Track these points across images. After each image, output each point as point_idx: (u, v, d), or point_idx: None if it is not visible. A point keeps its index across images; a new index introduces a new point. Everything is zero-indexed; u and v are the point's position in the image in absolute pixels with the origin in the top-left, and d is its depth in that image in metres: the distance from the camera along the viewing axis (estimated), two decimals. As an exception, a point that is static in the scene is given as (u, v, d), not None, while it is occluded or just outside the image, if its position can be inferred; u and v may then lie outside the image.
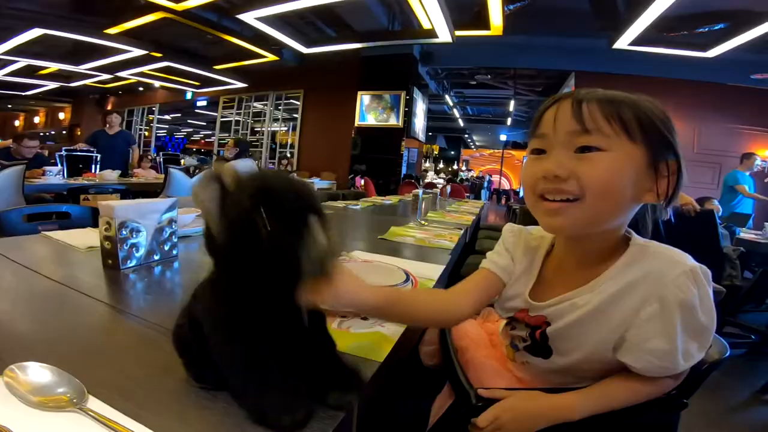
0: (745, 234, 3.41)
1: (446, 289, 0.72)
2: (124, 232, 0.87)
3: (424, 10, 4.04)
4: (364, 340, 0.63)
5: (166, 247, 0.98)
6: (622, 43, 4.55)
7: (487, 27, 4.57)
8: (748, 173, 4.39)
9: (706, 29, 4.40)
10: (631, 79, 5.56)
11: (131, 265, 0.89)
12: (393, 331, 0.67)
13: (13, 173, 3.01)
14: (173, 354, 0.47)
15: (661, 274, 0.53)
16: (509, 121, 12.32)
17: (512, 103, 10.23)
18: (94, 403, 0.39)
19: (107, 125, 4.76)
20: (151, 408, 0.40)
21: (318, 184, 6.75)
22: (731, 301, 2.45)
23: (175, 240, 1.00)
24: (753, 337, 2.50)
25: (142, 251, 0.92)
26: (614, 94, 0.56)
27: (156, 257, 0.95)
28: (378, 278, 0.91)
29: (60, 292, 0.74)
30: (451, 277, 1.14)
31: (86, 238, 1.09)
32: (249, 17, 4.39)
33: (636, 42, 4.51)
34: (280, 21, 4.91)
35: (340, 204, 2.62)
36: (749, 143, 6.09)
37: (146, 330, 0.60)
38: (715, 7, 4.15)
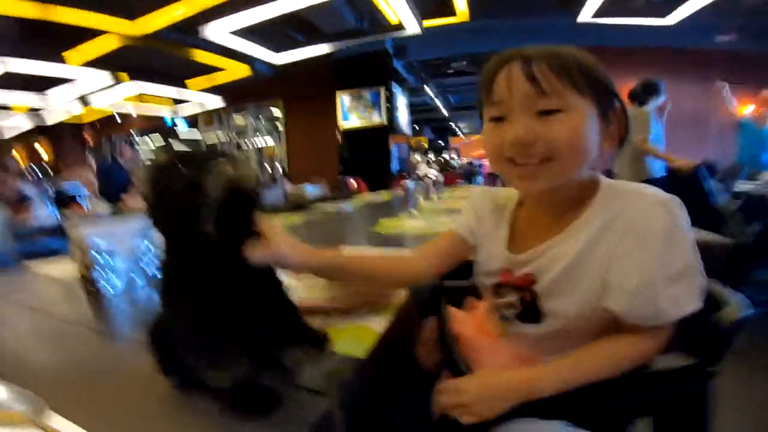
0: (741, 185, 3.32)
1: (410, 253, 0.73)
2: (99, 258, 0.87)
3: (388, 5, 4.02)
4: (346, 335, 0.63)
5: (146, 267, 0.98)
6: (585, 16, 4.59)
7: (453, 13, 4.56)
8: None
9: None
10: (602, 50, 5.57)
11: (112, 290, 0.89)
12: (379, 324, 0.66)
13: None
14: (146, 369, 0.47)
15: (633, 209, 0.53)
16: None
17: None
18: (55, 420, 0.39)
19: (121, 156, 4.72)
20: (116, 424, 0.39)
21: (309, 190, 6.70)
22: (740, 258, 2.28)
23: (155, 259, 1.00)
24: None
25: (122, 275, 0.92)
26: (556, 50, 0.56)
27: (135, 277, 0.95)
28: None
29: (39, 321, 0.75)
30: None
31: (65, 268, 1.10)
32: (213, 32, 4.33)
33: (598, 14, 4.57)
34: (246, 32, 4.86)
35: (330, 207, 2.65)
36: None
37: (123, 347, 0.62)
38: None
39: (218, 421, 0.40)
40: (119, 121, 10.81)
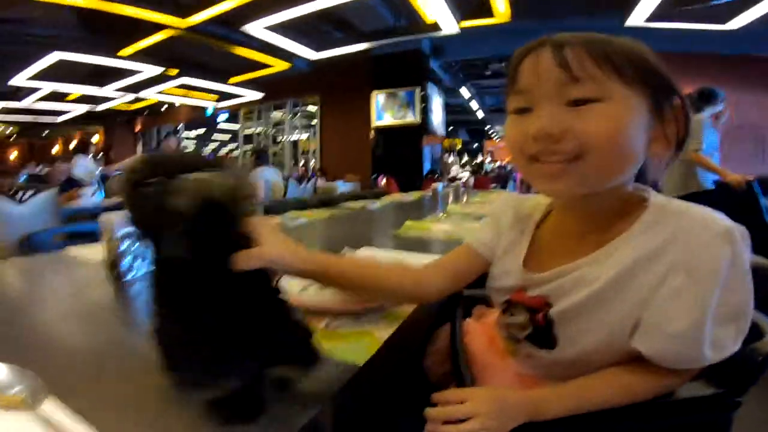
0: None
1: (424, 266, 0.67)
2: (125, 244, 0.89)
3: (426, 3, 3.99)
4: (349, 341, 0.60)
5: None
6: (637, 20, 4.35)
7: (491, 14, 4.48)
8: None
9: (721, 1, 4.15)
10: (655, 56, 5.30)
11: (136, 275, 0.90)
12: (386, 331, 0.62)
13: (44, 198, 3.15)
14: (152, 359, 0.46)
15: (688, 239, 0.44)
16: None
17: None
18: (52, 405, 0.38)
19: (165, 146, 4.98)
20: (114, 414, 0.40)
21: (342, 187, 6.78)
22: None
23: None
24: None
25: (147, 261, 0.92)
26: (598, 35, 0.48)
27: None
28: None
29: (58, 302, 0.77)
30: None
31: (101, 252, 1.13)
32: (255, 28, 4.46)
33: (651, 18, 4.31)
34: (286, 29, 4.97)
35: (358, 204, 2.59)
36: None
37: (138, 337, 0.60)
38: None
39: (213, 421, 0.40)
40: (165, 110, 11.36)
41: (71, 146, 15.02)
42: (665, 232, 0.45)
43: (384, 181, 6.13)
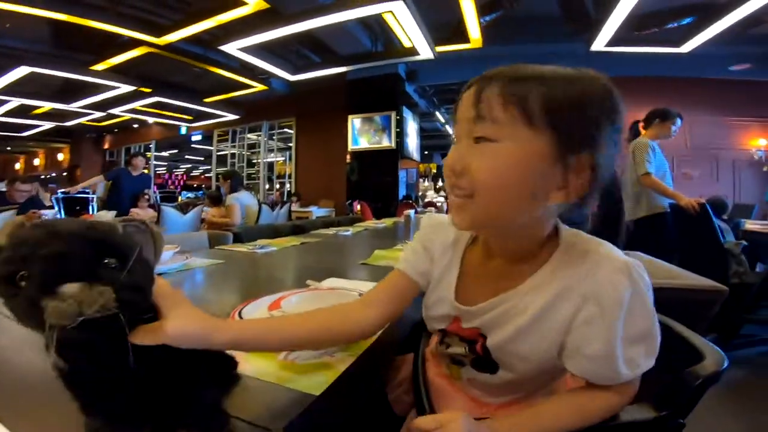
0: (750, 225, 3.21)
1: (353, 301, 0.66)
2: None
3: (403, 29, 4.10)
4: (307, 371, 0.58)
5: None
6: (599, 45, 4.59)
7: (466, 40, 4.64)
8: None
9: (675, 24, 4.45)
10: (615, 80, 5.57)
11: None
12: (344, 362, 0.61)
13: (1, 219, 2.99)
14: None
15: (595, 274, 0.49)
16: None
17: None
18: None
19: (131, 166, 4.85)
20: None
21: (316, 212, 6.74)
22: (745, 299, 2.30)
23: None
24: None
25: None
26: (530, 70, 0.48)
27: None
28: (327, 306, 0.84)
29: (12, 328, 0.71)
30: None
31: None
32: (232, 48, 4.45)
33: (611, 43, 4.54)
34: (264, 50, 4.99)
35: (330, 231, 2.58)
36: (739, 133, 6.15)
37: None
38: (680, 2, 4.24)
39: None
40: (137, 129, 11.13)
41: (35, 162, 14.50)
42: (576, 269, 0.50)
43: (359, 206, 6.11)
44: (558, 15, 4.64)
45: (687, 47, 4.65)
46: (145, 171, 5.31)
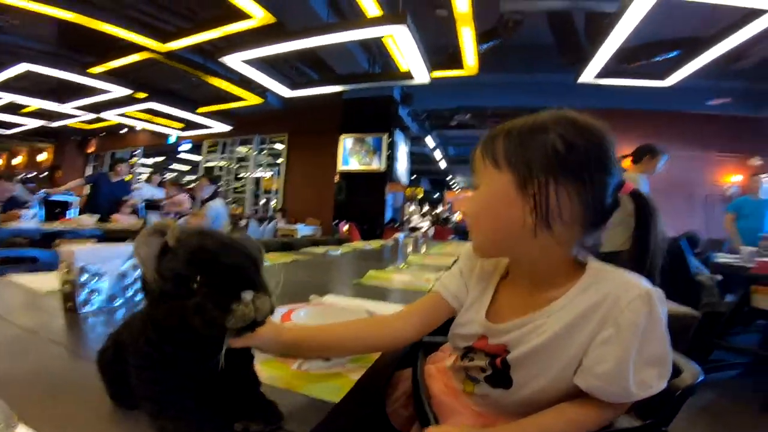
0: (721, 258, 3.38)
1: (391, 315, 0.73)
2: (84, 277, 0.87)
3: (401, 53, 4.19)
4: (321, 381, 0.61)
5: (130, 293, 0.97)
6: (588, 76, 4.68)
7: (461, 66, 4.76)
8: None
9: (661, 58, 4.60)
10: (599, 112, 5.72)
11: (91, 309, 0.88)
12: (356, 373, 0.65)
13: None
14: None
15: (616, 298, 0.54)
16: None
17: (492, 143, 10.46)
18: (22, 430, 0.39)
19: (113, 172, 4.85)
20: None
21: (302, 230, 6.68)
22: (716, 326, 2.47)
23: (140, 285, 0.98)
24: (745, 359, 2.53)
25: (103, 296, 0.91)
26: (504, 125, 0.61)
27: (118, 302, 0.94)
28: (341, 319, 0.87)
29: (12, 332, 0.74)
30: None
31: (50, 282, 1.09)
32: (234, 60, 4.48)
33: (600, 75, 4.65)
34: (264, 64, 5.03)
35: (319, 250, 2.60)
36: (713, 169, 6.37)
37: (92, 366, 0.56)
38: (667, 35, 4.40)
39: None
40: (124, 134, 10.96)
41: (15, 161, 14.09)
42: (599, 293, 0.55)
43: (346, 227, 6.08)
44: (552, 45, 4.77)
45: (670, 81, 4.78)
46: (127, 178, 5.24)
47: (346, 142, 7.11)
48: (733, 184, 5.89)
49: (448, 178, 17.14)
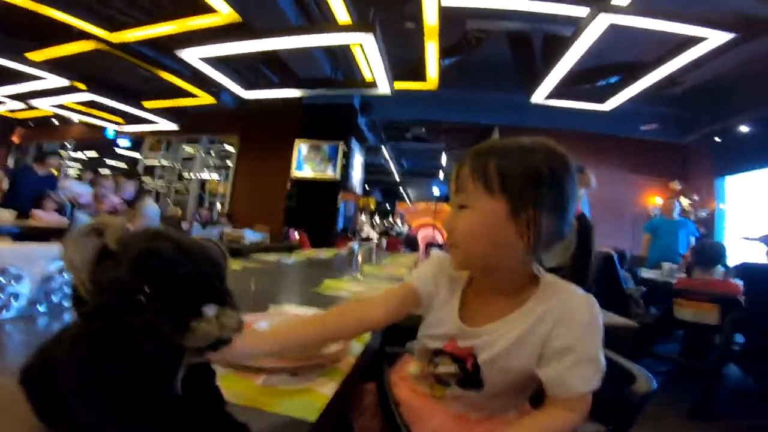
0: (645, 273, 3.78)
1: (367, 300, 0.81)
2: (1, 279, 0.78)
3: (367, 62, 4.22)
4: (291, 397, 0.58)
5: (56, 298, 0.87)
6: (539, 97, 4.96)
7: (423, 79, 4.86)
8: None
9: (604, 82, 4.96)
10: (546, 132, 6.03)
11: (7, 315, 0.79)
12: (326, 387, 0.62)
13: None
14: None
15: (567, 303, 0.64)
16: (442, 175, 12.93)
17: (444, 156, 10.79)
18: None
19: (41, 165, 4.44)
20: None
21: (250, 236, 6.43)
22: (642, 336, 2.65)
23: (68, 290, 0.90)
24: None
25: (22, 301, 0.81)
26: (492, 146, 0.66)
27: (41, 308, 0.85)
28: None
29: None
30: (388, 328, 1.08)
31: None
32: (191, 56, 4.26)
33: (550, 96, 4.94)
34: (221, 62, 4.84)
35: (271, 257, 2.51)
36: (643, 191, 6.92)
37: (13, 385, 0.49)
38: (611, 59, 4.70)
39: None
40: (55, 125, 10.05)
41: None
42: (551, 300, 0.65)
43: (297, 235, 5.94)
44: (508, 65, 4.97)
45: (609, 105, 5.18)
46: (55, 171, 4.81)
47: (302, 148, 6.98)
48: (656, 206, 6.47)
49: (399, 189, 17.36)
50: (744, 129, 5.67)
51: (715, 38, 3.48)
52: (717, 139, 6.13)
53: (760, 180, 5.81)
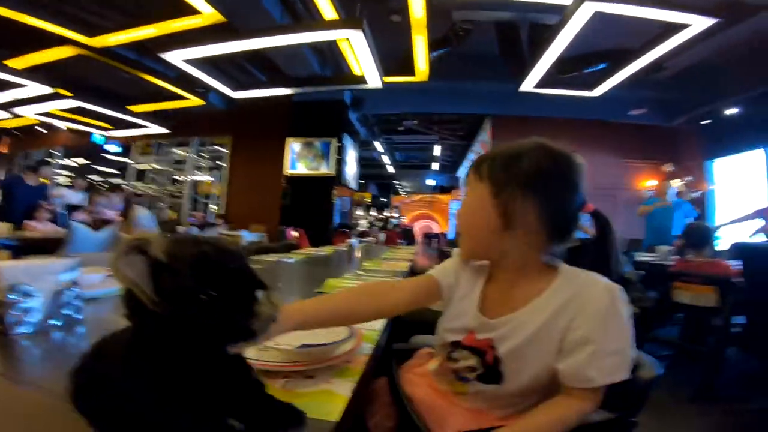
0: (641, 257, 3.78)
1: (388, 284, 0.83)
2: (12, 296, 0.79)
3: (356, 58, 4.19)
4: (311, 399, 0.59)
5: (68, 311, 0.89)
6: (527, 86, 4.97)
7: (413, 73, 4.84)
8: None
9: (591, 69, 4.96)
10: (537, 120, 6.21)
11: (23, 331, 0.80)
12: (343, 388, 0.63)
13: None
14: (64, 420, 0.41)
15: (584, 292, 0.65)
16: (435, 165, 12.96)
17: (437, 148, 10.81)
18: None
19: (32, 175, 4.41)
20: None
21: (246, 237, 6.40)
22: (643, 321, 2.70)
23: (79, 303, 0.91)
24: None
25: (36, 316, 0.83)
26: (495, 151, 0.72)
27: (55, 322, 0.86)
28: (320, 335, 0.86)
29: None
30: (395, 323, 1.10)
31: None
32: (175, 58, 4.21)
33: (539, 85, 4.96)
34: (207, 63, 4.78)
35: (271, 258, 2.50)
36: (634, 175, 7.00)
37: (38, 397, 0.53)
38: (598, 46, 4.72)
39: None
40: (45, 133, 9.88)
41: None
42: (571, 290, 0.66)
43: (295, 233, 5.92)
44: (496, 56, 4.97)
45: (598, 91, 5.21)
46: (45, 181, 4.76)
47: (294, 146, 6.96)
48: (649, 188, 6.54)
49: (395, 182, 17.37)
50: (731, 112, 5.74)
51: (699, 23, 3.50)
52: (705, 122, 6.20)
53: (748, 162, 5.90)
